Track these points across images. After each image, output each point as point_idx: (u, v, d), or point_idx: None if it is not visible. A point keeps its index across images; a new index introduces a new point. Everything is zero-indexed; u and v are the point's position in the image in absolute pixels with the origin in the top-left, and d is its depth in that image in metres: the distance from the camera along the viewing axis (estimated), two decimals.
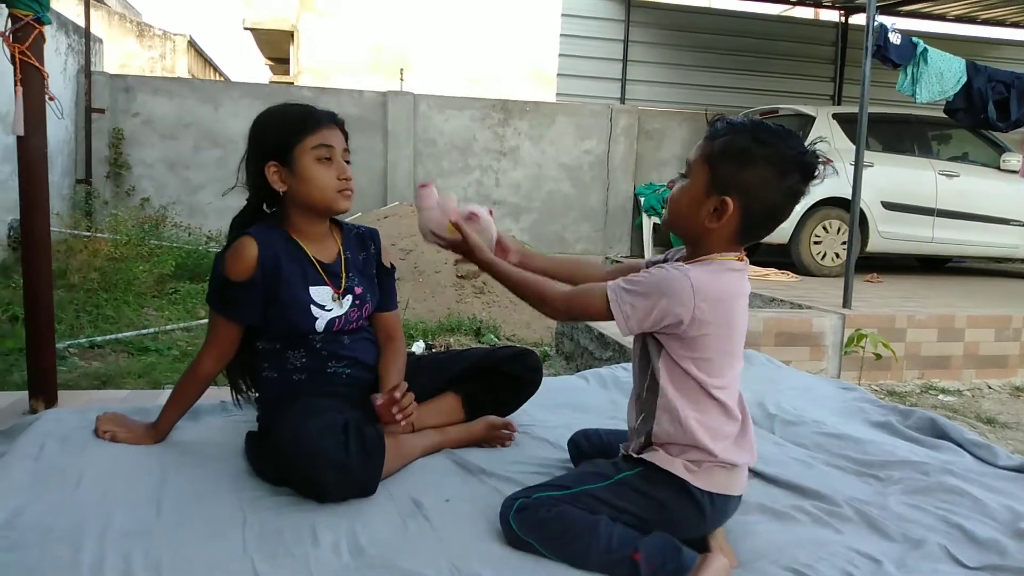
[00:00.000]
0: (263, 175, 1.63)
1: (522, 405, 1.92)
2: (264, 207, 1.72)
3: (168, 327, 4.26)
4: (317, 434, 1.42)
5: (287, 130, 1.62)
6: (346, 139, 1.68)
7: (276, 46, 16.40)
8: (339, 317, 1.69)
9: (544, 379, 2.14)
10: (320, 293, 1.67)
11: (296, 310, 1.64)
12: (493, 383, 1.84)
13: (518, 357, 1.89)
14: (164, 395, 2.38)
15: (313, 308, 1.66)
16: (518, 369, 1.87)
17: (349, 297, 1.71)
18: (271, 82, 15.52)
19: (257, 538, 1.28)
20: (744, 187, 1.20)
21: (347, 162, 1.66)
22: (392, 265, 1.86)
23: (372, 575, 1.18)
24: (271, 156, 1.62)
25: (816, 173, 1.23)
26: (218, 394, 2.20)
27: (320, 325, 1.66)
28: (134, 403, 2.07)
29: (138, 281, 4.96)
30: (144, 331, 4.10)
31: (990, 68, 5.01)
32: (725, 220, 1.22)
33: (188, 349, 3.86)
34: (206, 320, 4.65)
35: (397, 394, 1.52)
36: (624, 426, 1.41)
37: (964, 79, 4.82)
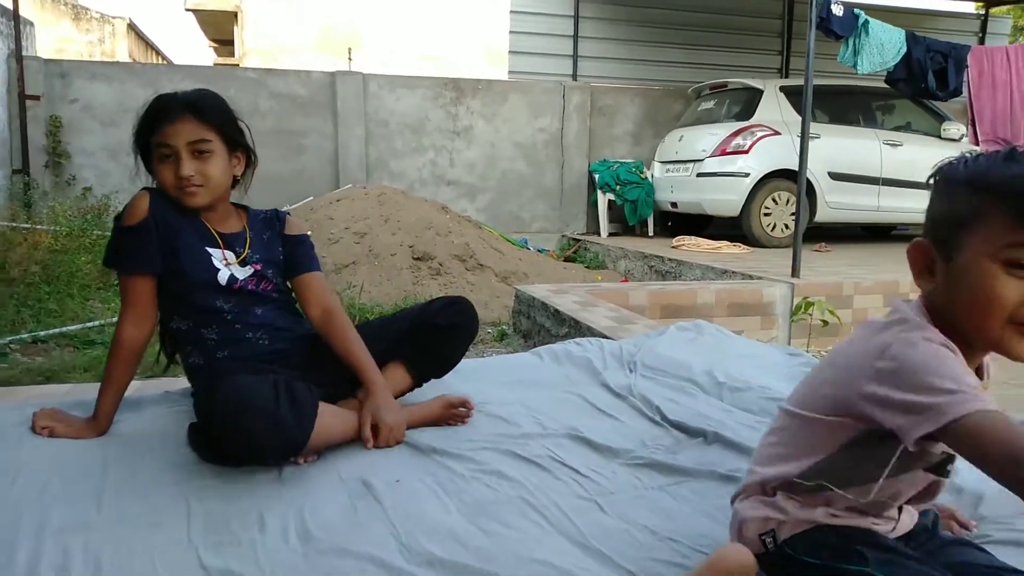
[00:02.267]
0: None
1: (463, 355, 1.92)
2: None
3: (114, 319, 4.13)
4: (245, 387, 1.40)
5: (140, 131, 1.66)
6: (214, 126, 1.64)
7: (220, 27, 15.92)
8: (239, 278, 1.69)
9: (498, 357, 2.14)
10: (217, 254, 1.68)
11: (194, 258, 1.64)
12: (431, 339, 1.82)
13: (450, 305, 1.88)
14: None
15: (213, 260, 1.67)
16: (452, 317, 1.86)
17: (250, 268, 1.72)
18: (215, 64, 15.10)
19: (202, 527, 1.26)
20: None
21: (202, 152, 1.63)
22: (304, 233, 1.86)
23: (320, 559, 1.17)
24: (142, 154, 1.68)
25: None
26: (161, 384, 2.16)
27: (223, 278, 1.66)
28: (77, 397, 2.01)
29: (81, 273, 4.81)
30: (89, 324, 3.97)
31: (928, 39, 5.14)
32: None
33: None
34: None
35: (370, 445, 1.60)
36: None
37: (904, 50, 4.94)
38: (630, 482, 1.52)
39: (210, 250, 1.68)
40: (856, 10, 4.85)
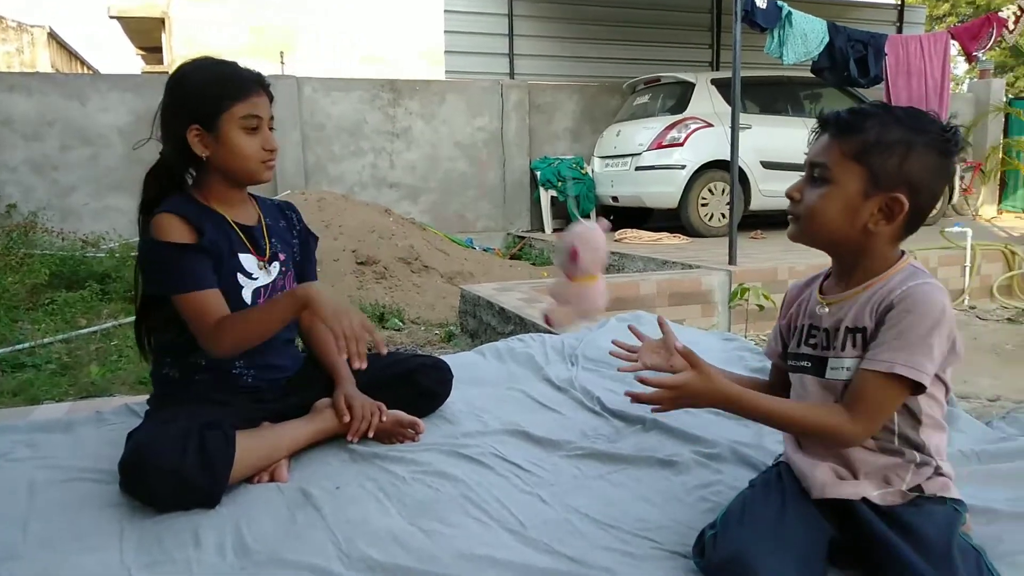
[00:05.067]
0: (184, 137, 1.55)
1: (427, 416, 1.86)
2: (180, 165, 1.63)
3: (46, 340, 3.98)
4: (148, 445, 1.36)
5: (214, 95, 1.54)
6: (272, 102, 1.63)
7: (147, 34, 15.46)
8: (265, 287, 1.63)
9: (442, 357, 2.14)
10: (248, 261, 1.62)
11: (223, 281, 1.56)
12: (405, 396, 1.77)
13: (435, 370, 1.87)
14: (39, 411, 2.23)
15: (240, 276, 1.59)
16: (435, 385, 1.86)
17: (276, 264, 1.67)
18: (144, 72, 14.65)
19: (135, 548, 1.23)
20: (911, 179, 1.10)
21: (271, 129, 1.62)
22: (314, 233, 1.85)
23: (258, 572, 1.16)
24: (194, 119, 1.54)
25: (961, 149, 1.15)
26: (94, 405, 2.10)
27: (247, 295, 1.60)
28: (6, 421, 1.93)
29: (8, 294, 4.61)
30: (18, 346, 3.82)
31: (849, 29, 5.32)
32: (898, 219, 1.12)
33: (67, 361, 3.63)
34: (87, 329, 4.34)
35: (346, 419, 1.59)
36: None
37: (827, 39, 5.10)
38: (571, 473, 1.55)
39: (241, 257, 1.60)
40: (779, 2, 4.99)
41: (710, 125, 6.44)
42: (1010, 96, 11.58)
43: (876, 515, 1.12)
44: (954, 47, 5.76)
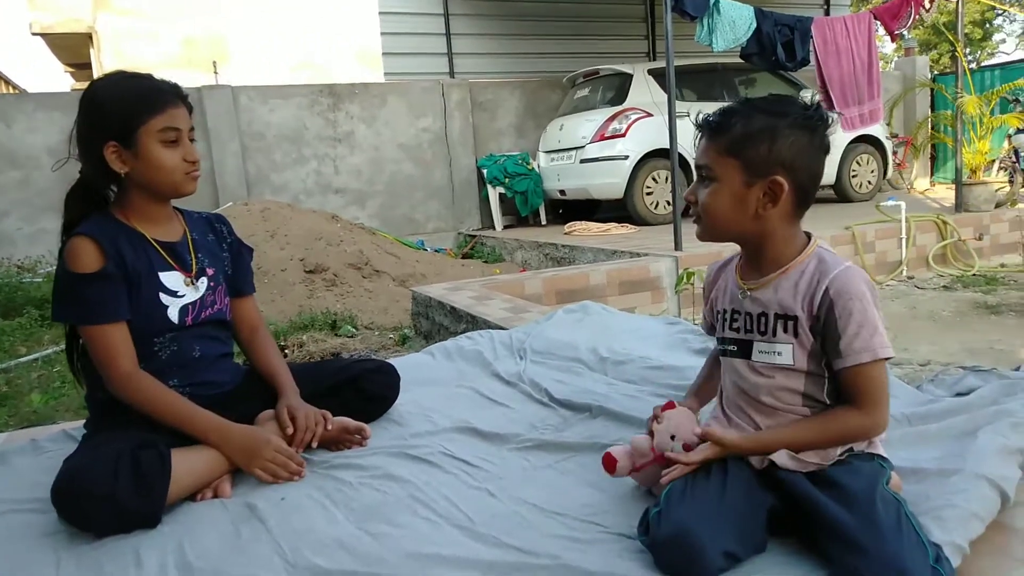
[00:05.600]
0: (101, 155, 1.51)
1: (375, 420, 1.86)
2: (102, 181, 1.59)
3: None
4: (79, 471, 1.34)
5: (130, 110, 1.51)
6: (191, 113, 1.60)
7: (75, 51, 14.94)
8: (193, 303, 1.60)
9: (392, 360, 2.14)
10: (171, 279, 1.58)
11: (148, 302, 1.53)
12: (352, 402, 1.76)
13: (379, 373, 1.86)
14: None
15: (162, 296, 1.56)
16: (382, 388, 1.85)
17: (204, 279, 1.64)
18: (74, 90, 14.19)
19: (73, 575, 1.20)
20: (785, 160, 1.18)
21: (192, 140, 1.59)
22: (249, 245, 1.82)
23: None
24: (111, 136, 1.51)
25: (831, 120, 1.22)
26: (31, 434, 2.03)
27: (173, 314, 1.56)
28: None
29: None
30: None
31: (775, 13, 5.45)
32: (783, 199, 1.19)
33: (7, 391, 3.51)
34: (27, 357, 4.20)
35: (289, 431, 1.56)
36: None
37: (754, 25, 5.21)
38: (520, 465, 1.56)
39: (162, 276, 1.57)
40: None
41: (650, 115, 6.53)
42: (935, 72, 12.01)
43: (805, 477, 1.16)
44: (878, 27, 5.94)
